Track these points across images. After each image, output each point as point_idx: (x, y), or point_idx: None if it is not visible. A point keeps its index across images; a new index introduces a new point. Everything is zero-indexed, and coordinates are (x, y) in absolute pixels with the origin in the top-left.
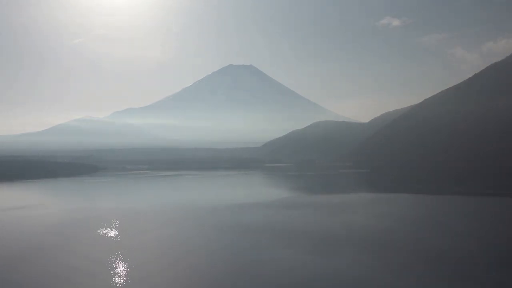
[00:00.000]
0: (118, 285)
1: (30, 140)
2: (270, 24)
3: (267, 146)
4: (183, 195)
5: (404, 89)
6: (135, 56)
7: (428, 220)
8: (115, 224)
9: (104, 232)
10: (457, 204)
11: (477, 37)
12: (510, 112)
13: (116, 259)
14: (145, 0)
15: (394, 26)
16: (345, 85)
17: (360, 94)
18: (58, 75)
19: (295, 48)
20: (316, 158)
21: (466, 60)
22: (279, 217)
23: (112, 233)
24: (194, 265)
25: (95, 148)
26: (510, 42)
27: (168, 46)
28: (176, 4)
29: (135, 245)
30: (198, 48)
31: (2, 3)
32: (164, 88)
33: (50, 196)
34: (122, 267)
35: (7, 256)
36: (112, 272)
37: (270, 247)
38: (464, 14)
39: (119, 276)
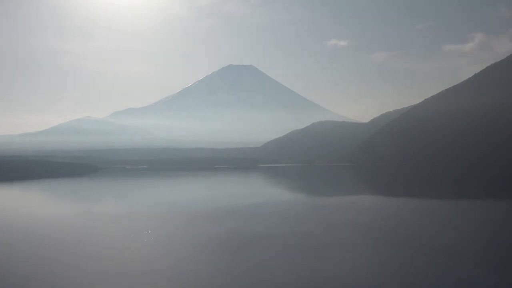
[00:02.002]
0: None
1: (30, 140)
2: (270, 24)
3: (267, 146)
4: (182, 196)
5: (404, 89)
6: (135, 57)
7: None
8: (112, 227)
9: (102, 234)
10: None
11: (415, 55)
12: (510, 111)
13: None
14: (143, 2)
15: (342, 46)
16: (346, 85)
17: (360, 94)
18: (58, 76)
19: (296, 48)
20: (316, 158)
21: (415, 73)
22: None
23: (108, 238)
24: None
25: (95, 148)
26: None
27: (167, 46)
28: (176, 4)
29: (124, 247)
30: (198, 48)
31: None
32: (164, 88)
33: (48, 197)
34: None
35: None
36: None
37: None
38: (396, 38)
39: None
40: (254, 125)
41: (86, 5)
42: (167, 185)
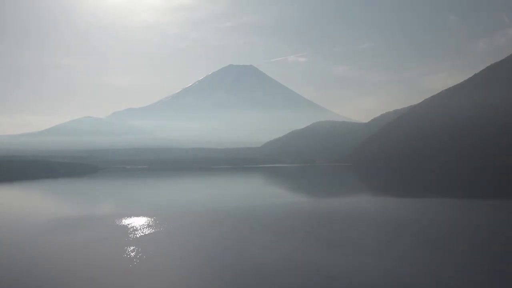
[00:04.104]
0: None
1: (30, 140)
2: (271, 23)
3: (267, 146)
4: (181, 196)
5: (404, 89)
6: (133, 57)
7: None
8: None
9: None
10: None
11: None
12: (510, 111)
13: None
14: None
15: (302, 61)
16: (345, 85)
17: (360, 94)
18: (58, 76)
19: (295, 48)
20: (316, 158)
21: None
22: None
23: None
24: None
25: (95, 148)
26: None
27: (166, 46)
28: (176, 3)
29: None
30: (198, 48)
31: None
32: (164, 88)
33: (47, 198)
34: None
35: None
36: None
37: None
38: (347, 55)
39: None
40: (254, 125)
41: (89, 6)
42: (167, 185)
